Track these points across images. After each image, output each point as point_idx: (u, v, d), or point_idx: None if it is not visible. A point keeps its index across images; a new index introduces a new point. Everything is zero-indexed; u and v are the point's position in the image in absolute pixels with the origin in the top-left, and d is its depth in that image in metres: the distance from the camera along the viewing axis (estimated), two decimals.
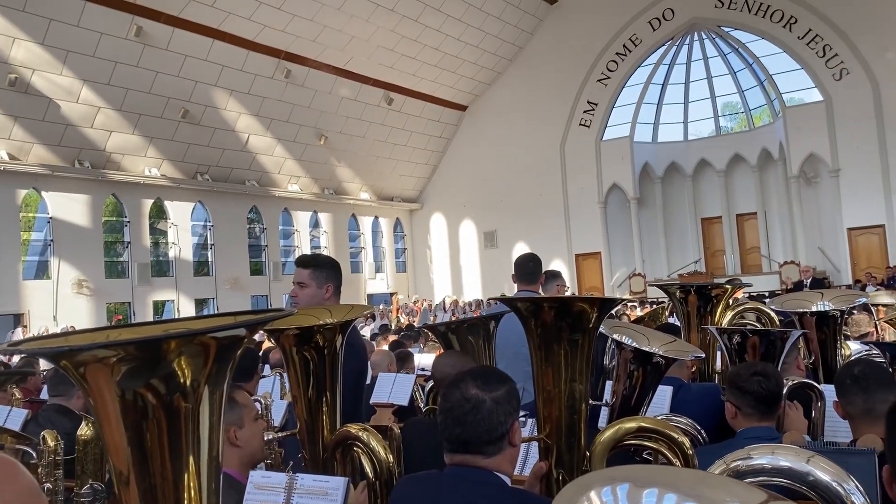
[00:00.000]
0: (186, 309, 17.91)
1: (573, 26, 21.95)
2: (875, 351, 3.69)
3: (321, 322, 2.06)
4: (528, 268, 4.27)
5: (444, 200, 24.66)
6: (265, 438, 2.08)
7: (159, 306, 17.89)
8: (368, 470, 2.01)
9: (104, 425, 1.01)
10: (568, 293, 10.60)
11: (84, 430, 2.66)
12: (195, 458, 1.02)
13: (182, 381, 0.99)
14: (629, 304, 12.50)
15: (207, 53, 16.42)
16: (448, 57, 21.06)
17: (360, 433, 2.01)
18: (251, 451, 2.03)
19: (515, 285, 4.31)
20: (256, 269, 20.29)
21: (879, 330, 5.81)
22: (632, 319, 6.16)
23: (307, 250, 21.49)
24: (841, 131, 18.52)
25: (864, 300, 4.64)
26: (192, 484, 1.02)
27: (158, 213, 18.22)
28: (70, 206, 15.92)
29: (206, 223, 19.12)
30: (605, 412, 2.86)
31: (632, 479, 0.80)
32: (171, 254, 18.17)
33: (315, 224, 22.03)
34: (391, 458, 1.99)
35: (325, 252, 21.93)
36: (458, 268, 24.53)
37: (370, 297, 22.98)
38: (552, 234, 22.35)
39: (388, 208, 24.40)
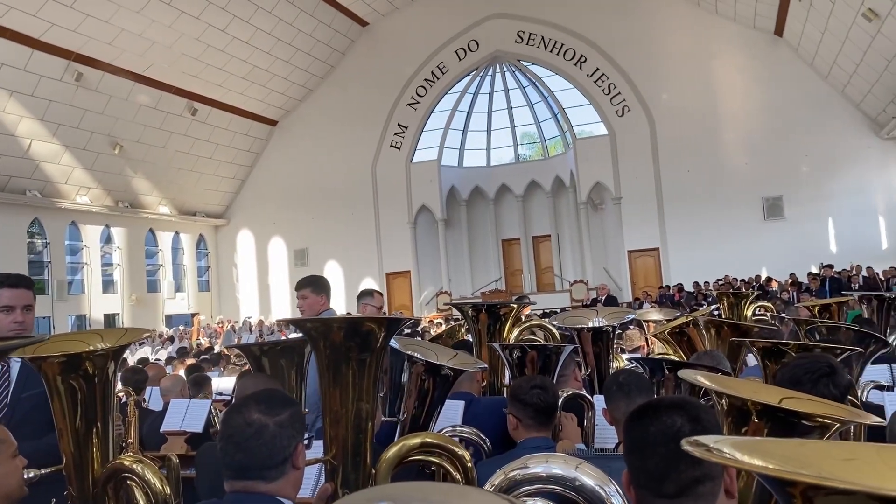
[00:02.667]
0: None
1: (384, 49, 22.37)
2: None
3: (92, 348, 1.93)
4: (324, 283, 4.31)
5: (253, 217, 23.93)
6: (25, 476, 1.89)
7: None
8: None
9: None
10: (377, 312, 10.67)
11: None
12: None
13: None
14: (434, 322, 12.87)
15: None
16: (257, 70, 20.56)
17: (134, 465, 1.90)
18: (7, 490, 1.84)
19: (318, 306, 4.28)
20: (38, 289, 18.37)
21: (649, 343, 6.45)
22: (432, 337, 6.36)
23: (97, 267, 19.86)
24: (623, 163, 20.44)
25: (632, 316, 5.15)
26: None
27: None
28: None
29: None
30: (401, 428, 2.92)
31: (390, 498, 0.82)
32: None
33: (107, 239, 20.39)
34: (168, 490, 1.90)
35: (118, 270, 20.41)
36: (267, 287, 23.86)
37: (169, 318, 21.66)
38: (364, 253, 22.48)
39: (191, 223, 23.20)
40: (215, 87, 20.12)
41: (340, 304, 22.11)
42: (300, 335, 2.40)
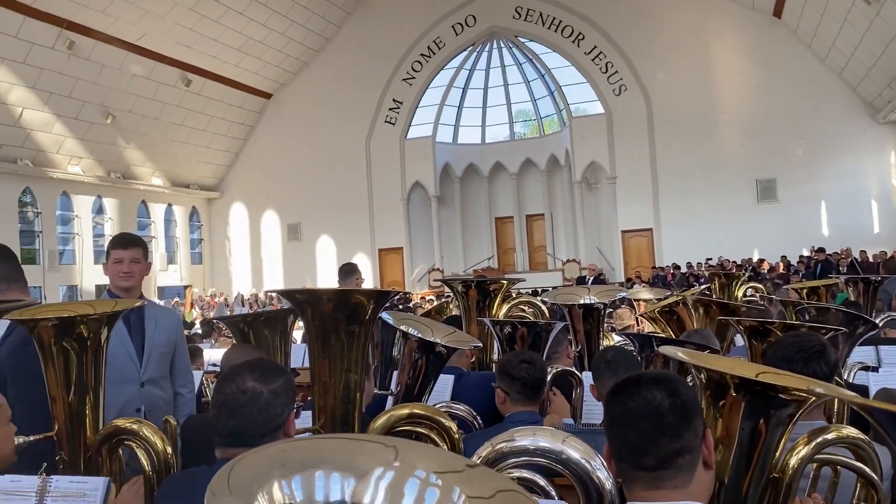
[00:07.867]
0: None
1: (380, 23, 22.13)
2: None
3: (84, 313, 1.94)
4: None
5: (246, 190, 23.83)
6: (16, 441, 1.91)
7: None
8: (145, 463, 1.92)
9: None
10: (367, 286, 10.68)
11: None
12: None
13: None
14: (426, 298, 12.89)
15: None
16: (252, 42, 20.34)
17: (132, 426, 1.92)
18: (1, 455, 1.86)
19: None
20: (29, 258, 18.30)
21: (639, 323, 6.50)
22: (422, 313, 6.39)
23: (89, 238, 19.78)
24: (618, 142, 20.39)
25: (623, 294, 5.19)
26: None
27: None
28: None
29: None
30: (391, 401, 2.96)
31: (282, 462, 0.81)
32: None
33: (99, 210, 20.27)
34: (169, 450, 1.92)
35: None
36: (259, 260, 23.84)
37: (161, 290, 21.65)
38: (356, 229, 22.44)
39: (184, 196, 23.10)
40: (209, 58, 19.91)
41: (334, 279, 22.11)
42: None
